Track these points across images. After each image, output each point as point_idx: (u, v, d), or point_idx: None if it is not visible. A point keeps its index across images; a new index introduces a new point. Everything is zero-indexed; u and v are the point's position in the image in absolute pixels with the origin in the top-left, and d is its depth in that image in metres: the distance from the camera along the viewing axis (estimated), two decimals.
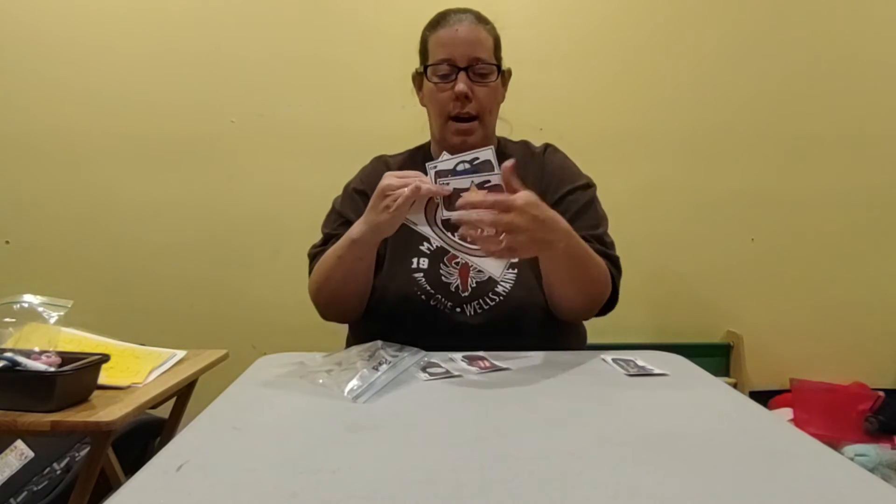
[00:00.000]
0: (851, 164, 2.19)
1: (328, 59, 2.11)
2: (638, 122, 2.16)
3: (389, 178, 0.92)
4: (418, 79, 1.18)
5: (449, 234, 0.94)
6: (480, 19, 1.13)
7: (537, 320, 1.07)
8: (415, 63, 1.19)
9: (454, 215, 0.85)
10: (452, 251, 0.95)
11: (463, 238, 0.90)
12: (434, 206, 0.93)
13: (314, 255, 1.14)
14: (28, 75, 2.08)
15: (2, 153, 2.09)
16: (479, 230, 0.85)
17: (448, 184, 0.90)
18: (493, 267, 0.92)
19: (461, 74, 1.08)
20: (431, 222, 0.93)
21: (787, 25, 2.17)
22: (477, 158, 0.89)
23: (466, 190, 0.89)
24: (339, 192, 1.23)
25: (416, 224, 0.93)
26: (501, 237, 0.83)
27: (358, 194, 1.18)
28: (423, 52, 1.15)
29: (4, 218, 2.09)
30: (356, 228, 0.98)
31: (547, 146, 1.23)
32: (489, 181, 0.88)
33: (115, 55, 2.08)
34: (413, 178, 0.91)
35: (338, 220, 1.16)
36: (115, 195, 2.10)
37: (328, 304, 1.11)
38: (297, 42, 2.11)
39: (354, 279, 1.05)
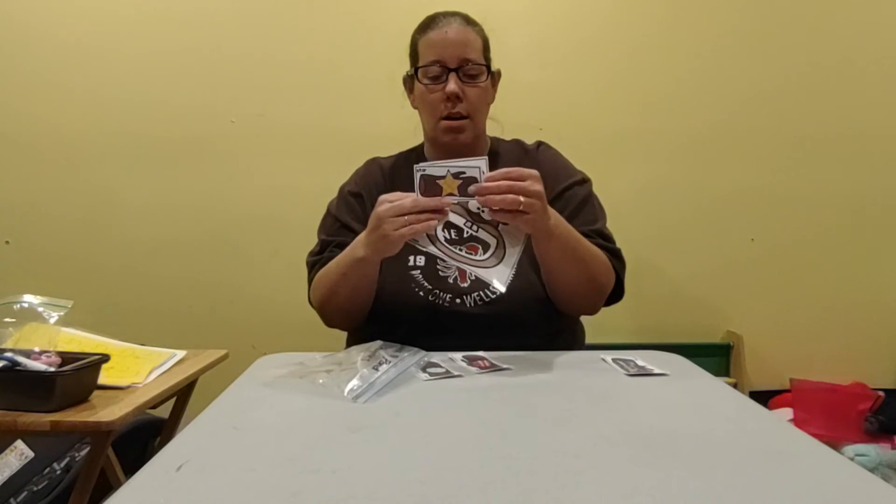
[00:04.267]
0: (851, 164, 2.19)
1: (328, 59, 2.11)
2: (638, 122, 2.16)
3: (384, 205, 0.91)
4: (409, 81, 1.19)
5: (452, 248, 0.93)
6: (469, 21, 1.14)
7: (536, 313, 1.08)
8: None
9: (472, 199, 0.86)
10: (457, 264, 0.94)
11: (470, 249, 0.90)
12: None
13: (314, 264, 1.14)
14: (28, 76, 2.07)
15: (2, 153, 2.08)
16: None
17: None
18: (498, 275, 0.92)
19: (451, 75, 1.09)
20: (433, 238, 0.93)
21: (786, 25, 2.17)
22: (463, 172, 0.88)
23: (443, 177, 0.89)
24: (336, 192, 1.23)
25: (417, 242, 0.93)
26: (520, 202, 0.85)
27: (353, 197, 1.18)
28: (414, 54, 1.16)
29: (4, 218, 2.09)
30: (360, 248, 0.97)
31: (539, 143, 1.24)
32: (464, 172, 0.88)
33: (114, 55, 2.08)
34: (406, 199, 0.90)
35: (335, 225, 1.16)
36: (115, 195, 2.10)
37: (333, 317, 1.12)
38: (297, 42, 2.11)
39: (360, 293, 1.06)
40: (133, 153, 2.10)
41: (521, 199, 0.85)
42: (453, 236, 0.94)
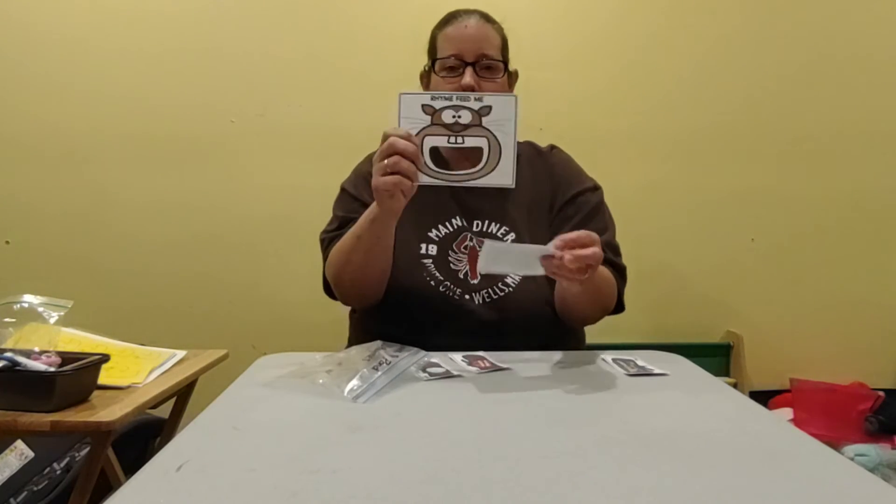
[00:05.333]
0: (851, 164, 2.18)
1: (328, 58, 2.11)
2: (638, 122, 2.16)
3: (376, 174, 0.91)
4: (426, 77, 1.19)
5: (444, 171, 0.92)
6: (489, 19, 1.15)
7: (543, 314, 1.08)
8: (415, 62, 1.19)
9: (550, 251, 0.82)
10: (455, 185, 0.93)
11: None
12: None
13: (329, 240, 1.13)
14: (28, 75, 2.07)
15: (2, 153, 2.08)
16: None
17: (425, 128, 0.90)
18: (501, 175, 0.91)
19: (468, 69, 1.10)
20: (420, 167, 0.91)
21: (786, 25, 2.17)
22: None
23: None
24: (345, 179, 1.22)
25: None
26: (586, 271, 0.83)
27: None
28: (432, 49, 1.17)
29: (4, 218, 2.09)
30: (373, 209, 0.98)
31: (552, 147, 1.24)
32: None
33: (115, 55, 2.08)
34: (385, 145, 0.89)
35: (354, 203, 1.15)
36: (116, 195, 2.10)
37: (350, 289, 1.10)
38: (298, 42, 2.11)
39: (375, 258, 1.04)
40: (133, 153, 2.10)
41: (587, 273, 0.83)
42: (443, 159, 0.92)
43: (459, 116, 0.90)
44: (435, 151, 0.92)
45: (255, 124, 2.11)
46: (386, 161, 0.88)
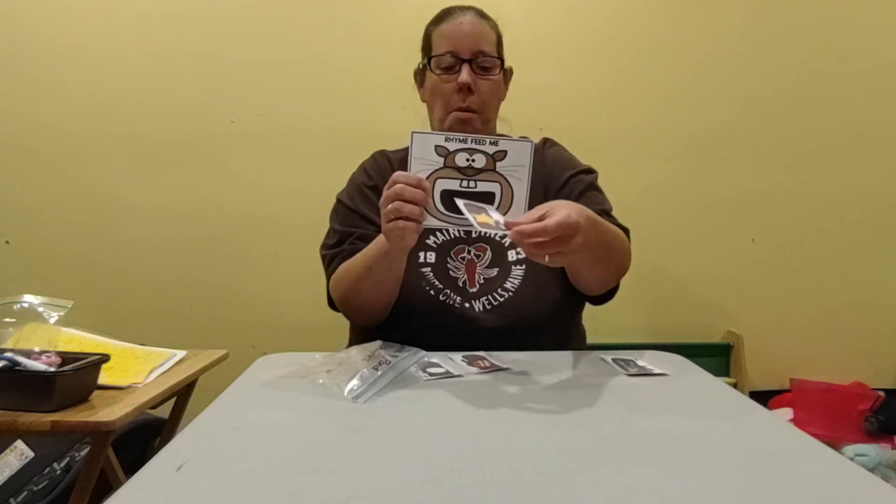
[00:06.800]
0: (851, 164, 2.19)
1: (328, 59, 2.11)
2: (638, 123, 2.16)
3: (382, 220, 0.88)
4: (420, 74, 1.18)
5: (454, 215, 0.89)
6: (484, 15, 1.15)
7: (547, 315, 1.07)
8: (414, 63, 1.19)
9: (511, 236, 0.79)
10: (464, 229, 0.91)
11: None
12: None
13: (332, 257, 1.11)
14: (28, 76, 2.07)
15: (2, 154, 2.08)
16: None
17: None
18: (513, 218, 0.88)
19: (465, 66, 1.09)
20: (435, 213, 0.89)
21: (787, 26, 2.17)
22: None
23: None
24: (341, 190, 1.22)
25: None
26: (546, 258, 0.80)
27: (370, 189, 1.16)
28: (427, 46, 1.16)
29: (4, 218, 2.09)
30: (384, 243, 0.95)
31: (545, 140, 1.24)
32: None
33: (114, 56, 2.08)
34: (390, 190, 0.86)
35: (352, 216, 1.13)
36: (116, 195, 2.10)
37: (358, 311, 1.09)
38: (297, 42, 2.11)
39: (385, 286, 1.03)
40: (133, 153, 2.10)
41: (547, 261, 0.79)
42: (454, 202, 0.89)
43: (473, 160, 0.87)
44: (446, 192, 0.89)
45: (255, 125, 2.11)
46: (389, 207, 0.86)
